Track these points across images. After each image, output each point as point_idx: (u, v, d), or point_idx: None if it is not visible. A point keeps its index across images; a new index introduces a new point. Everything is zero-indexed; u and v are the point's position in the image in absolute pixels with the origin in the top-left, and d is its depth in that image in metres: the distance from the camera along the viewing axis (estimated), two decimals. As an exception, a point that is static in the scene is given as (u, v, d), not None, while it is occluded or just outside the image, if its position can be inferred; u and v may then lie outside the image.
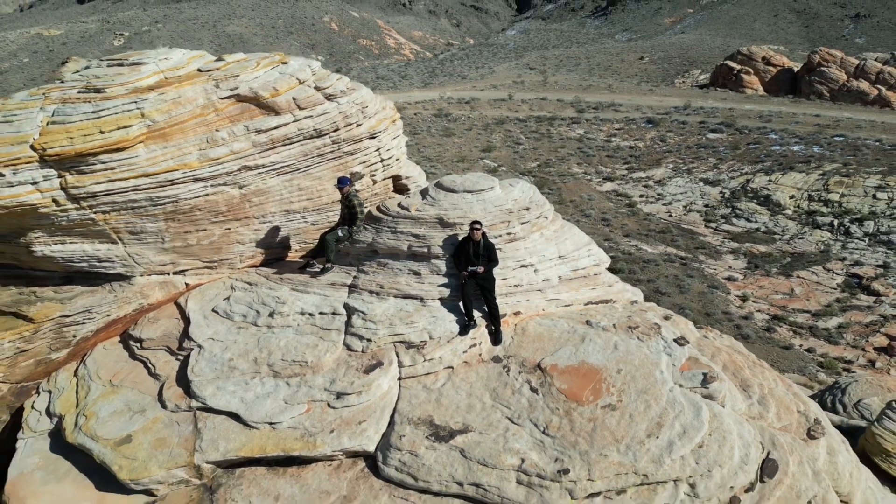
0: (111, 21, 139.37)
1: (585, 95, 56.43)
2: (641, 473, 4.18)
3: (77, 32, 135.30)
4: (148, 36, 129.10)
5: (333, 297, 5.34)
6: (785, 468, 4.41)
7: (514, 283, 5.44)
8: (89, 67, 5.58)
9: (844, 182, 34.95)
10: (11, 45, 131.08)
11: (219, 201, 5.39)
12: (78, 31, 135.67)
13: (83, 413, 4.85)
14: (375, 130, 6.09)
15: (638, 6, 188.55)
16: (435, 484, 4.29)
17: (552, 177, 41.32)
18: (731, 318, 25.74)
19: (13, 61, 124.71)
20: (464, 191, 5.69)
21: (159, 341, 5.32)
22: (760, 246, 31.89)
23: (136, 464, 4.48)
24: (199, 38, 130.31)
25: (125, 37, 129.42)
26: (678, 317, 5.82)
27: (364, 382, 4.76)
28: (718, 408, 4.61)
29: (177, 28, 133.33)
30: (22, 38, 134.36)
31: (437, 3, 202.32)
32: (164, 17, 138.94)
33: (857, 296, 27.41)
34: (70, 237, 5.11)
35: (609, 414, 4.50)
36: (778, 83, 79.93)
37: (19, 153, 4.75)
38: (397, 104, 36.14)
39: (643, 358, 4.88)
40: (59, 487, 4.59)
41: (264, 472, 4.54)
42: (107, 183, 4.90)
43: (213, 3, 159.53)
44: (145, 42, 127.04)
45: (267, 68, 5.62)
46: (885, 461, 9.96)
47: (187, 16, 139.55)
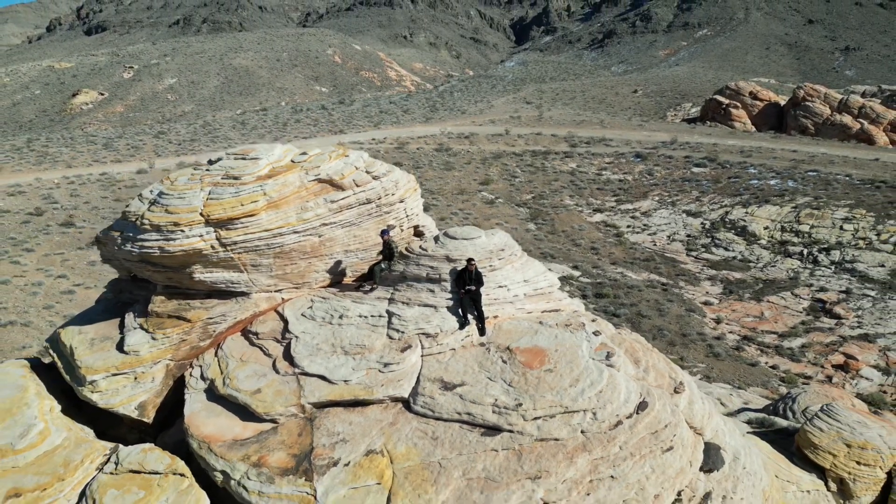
0: (121, 54, 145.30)
1: (578, 130, 60.49)
2: (564, 406, 7.31)
3: (87, 65, 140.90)
4: (157, 69, 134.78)
5: (379, 306, 8.54)
6: (652, 407, 7.52)
7: (494, 298, 8.65)
8: (222, 159, 8.87)
9: (815, 214, 38.42)
10: (24, 78, 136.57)
11: (306, 245, 8.64)
12: (88, 64, 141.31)
13: (227, 377, 7.99)
14: (403, 197, 9.38)
15: (633, 38, 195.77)
16: (444, 414, 7.41)
17: (546, 208, 44.81)
18: (704, 339, 28.96)
19: (25, 93, 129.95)
20: (462, 238, 8.95)
21: (268, 335, 8.51)
22: (736, 273, 35.18)
23: (266, 404, 7.60)
24: (207, 70, 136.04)
25: (134, 69, 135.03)
26: (602, 320, 9.01)
27: (401, 357, 7.92)
28: (615, 371, 7.75)
29: (185, 61, 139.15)
30: (34, 71, 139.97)
31: (437, 36, 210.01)
32: (172, 50, 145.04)
33: (820, 319, 30.64)
34: (216, 268, 8.33)
35: (548, 374, 7.65)
36: (765, 117, 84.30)
37: (193, 218, 8.01)
38: (400, 139, 41.12)
39: (572, 343, 8.05)
40: (217, 419, 7.70)
41: (341, 410, 7.64)
42: (243, 235, 8.15)
43: (220, 36, 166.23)
44: (154, 75, 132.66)
45: (336, 160, 8.94)
46: (812, 453, 13.41)
47: (195, 49, 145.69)
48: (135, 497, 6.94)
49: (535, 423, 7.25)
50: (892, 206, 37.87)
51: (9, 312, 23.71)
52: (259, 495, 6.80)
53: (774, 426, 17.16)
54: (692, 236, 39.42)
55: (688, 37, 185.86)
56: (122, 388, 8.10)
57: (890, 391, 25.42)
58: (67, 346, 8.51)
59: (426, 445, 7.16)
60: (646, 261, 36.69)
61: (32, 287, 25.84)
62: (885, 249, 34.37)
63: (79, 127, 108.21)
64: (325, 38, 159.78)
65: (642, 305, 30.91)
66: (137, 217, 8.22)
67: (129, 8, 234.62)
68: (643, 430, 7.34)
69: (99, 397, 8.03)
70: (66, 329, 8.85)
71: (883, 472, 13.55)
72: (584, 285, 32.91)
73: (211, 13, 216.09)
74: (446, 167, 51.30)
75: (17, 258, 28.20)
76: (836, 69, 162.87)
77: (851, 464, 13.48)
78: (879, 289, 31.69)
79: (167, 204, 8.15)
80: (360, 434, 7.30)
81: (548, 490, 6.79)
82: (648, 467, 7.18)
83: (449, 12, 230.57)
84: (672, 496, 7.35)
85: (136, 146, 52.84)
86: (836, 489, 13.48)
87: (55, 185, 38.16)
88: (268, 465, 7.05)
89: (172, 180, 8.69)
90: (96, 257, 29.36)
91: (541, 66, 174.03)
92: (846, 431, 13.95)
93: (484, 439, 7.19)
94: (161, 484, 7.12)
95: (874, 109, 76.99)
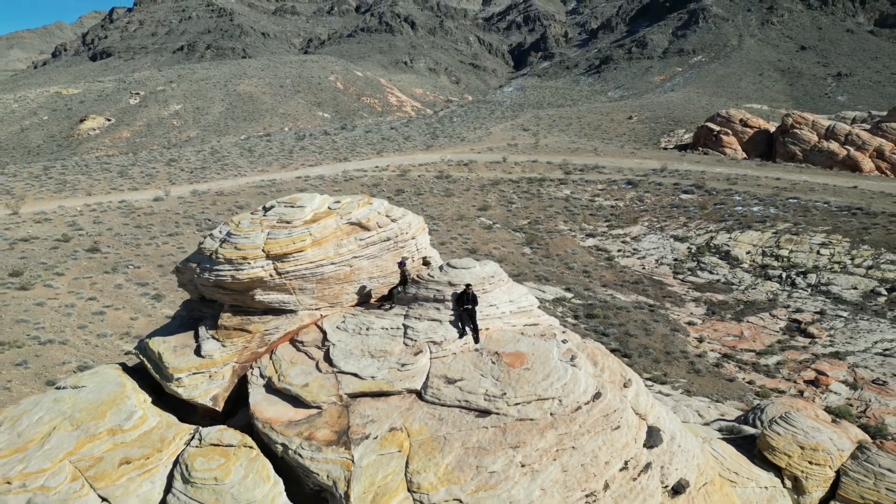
0: (127, 81, 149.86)
1: (573, 158, 63.70)
2: (538, 395, 9.86)
3: (94, 91, 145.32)
4: (162, 95, 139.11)
5: (397, 321, 11.15)
6: (605, 396, 10.07)
7: (486, 314, 11.26)
8: (275, 207, 11.55)
9: (794, 239, 41.19)
10: (32, 104, 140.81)
11: (340, 274, 11.28)
12: (95, 90, 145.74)
13: (281, 375, 10.55)
14: (415, 235, 12.06)
15: (630, 64, 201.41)
16: (447, 401, 9.95)
17: (541, 233, 47.58)
18: (687, 356, 31.49)
19: (33, 119, 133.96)
20: (461, 268, 11.61)
21: (311, 343, 11.10)
22: (719, 295, 37.77)
23: (313, 395, 10.14)
24: (211, 96, 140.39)
25: (141, 96, 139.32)
26: (570, 332, 11.60)
27: (414, 360, 10.48)
28: (577, 370, 10.31)
29: (190, 87, 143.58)
30: (42, 97, 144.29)
31: (437, 62, 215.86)
32: (177, 77, 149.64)
33: (795, 338, 33.20)
34: (272, 292, 10.96)
35: (526, 371, 10.22)
36: (755, 143, 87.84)
37: (257, 253, 10.67)
38: (402, 167, 44.90)
39: (545, 348, 10.64)
40: (275, 406, 10.23)
41: (369, 399, 10.17)
42: (294, 266, 10.80)
43: (225, 63, 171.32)
44: (160, 101, 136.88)
45: (363, 207, 11.64)
46: (770, 454, 16.07)
47: (200, 76, 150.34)
48: (217, 462, 9.46)
49: (516, 407, 9.80)
50: (867, 231, 40.63)
51: (47, 332, 26.22)
52: (311, 460, 9.33)
53: (742, 433, 19.78)
54: (679, 260, 42.08)
55: (683, 63, 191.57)
56: (200, 383, 10.66)
57: (856, 404, 27.91)
58: (155, 353, 11.10)
59: (434, 424, 9.70)
60: (635, 283, 39.28)
61: (66, 308, 28.36)
62: (858, 273, 37.02)
63: (86, 152, 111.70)
64: (328, 64, 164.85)
65: (630, 325, 33.43)
66: (212, 252, 10.89)
67: (134, 34, 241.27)
68: (597, 414, 9.90)
69: (183, 391, 10.59)
70: (152, 339, 11.44)
71: (832, 471, 16.12)
72: (576, 306, 35.46)
73: (214, 39, 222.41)
74: (446, 194, 54.20)
75: (49, 282, 30.76)
76: (828, 95, 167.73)
77: (804, 463, 16.05)
78: (851, 310, 34.25)
79: (236, 242, 10.83)
80: (385, 416, 9.84)
81: (524, 456, 9.31)
82: (601, 441, 9.72)
83: (448, 38, 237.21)
84: (620, 464, 9.86)
85: (150, 174, 55.83)
86: (791, 486, 16.04)
87: (78, 213, 40.93)
88: (316, 439, 9.59)
89: (237, 223, 11.37)
90: (122, 281, 32.04)
91: (539, 92, 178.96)
92: (800, 435, 16.55)
93: (477, 419, 9.73)
94: (236, 453, 9.65)
95: (860, 136, 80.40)
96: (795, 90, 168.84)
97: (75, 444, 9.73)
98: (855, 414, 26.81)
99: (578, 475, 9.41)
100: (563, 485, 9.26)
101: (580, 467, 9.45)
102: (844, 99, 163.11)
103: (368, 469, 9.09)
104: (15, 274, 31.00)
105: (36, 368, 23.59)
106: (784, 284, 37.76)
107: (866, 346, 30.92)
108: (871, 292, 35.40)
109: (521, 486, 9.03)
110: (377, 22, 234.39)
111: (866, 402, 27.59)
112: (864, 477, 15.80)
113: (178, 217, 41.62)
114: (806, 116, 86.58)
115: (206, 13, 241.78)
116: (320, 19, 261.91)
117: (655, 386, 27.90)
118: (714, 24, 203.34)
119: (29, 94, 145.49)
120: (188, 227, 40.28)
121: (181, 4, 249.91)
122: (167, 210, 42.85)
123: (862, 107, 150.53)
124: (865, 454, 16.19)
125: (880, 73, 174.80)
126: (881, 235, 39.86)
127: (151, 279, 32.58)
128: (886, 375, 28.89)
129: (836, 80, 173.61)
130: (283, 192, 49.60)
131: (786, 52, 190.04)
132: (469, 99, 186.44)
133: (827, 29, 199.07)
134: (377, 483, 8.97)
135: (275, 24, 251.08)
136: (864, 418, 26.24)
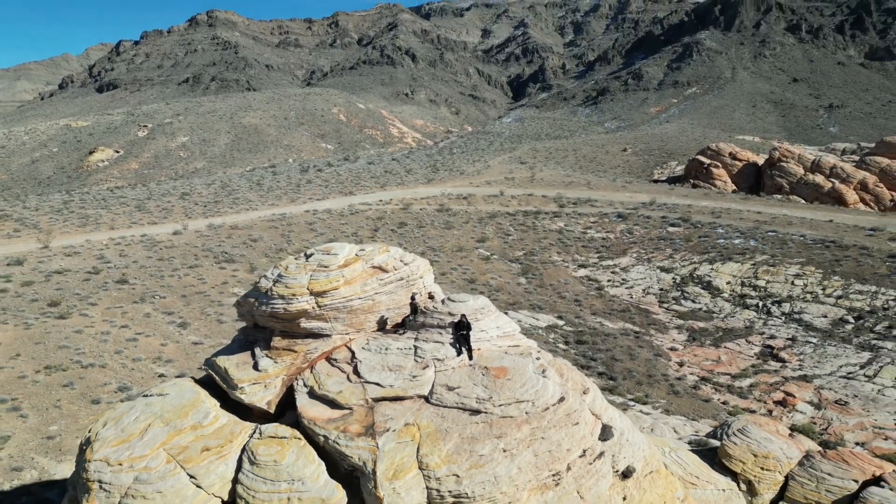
0: (135, 113, 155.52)
1: (567, 191, 67.72)
2: (517, 398, 13.21)
3: (103, 124, 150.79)
4: (170, 128, 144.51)
5: (409, 342, 14.59)
6: (568, 400, 13.42)
7: (477, 338, 14.69)
8: (315, 255, 15.07)
9: (770, 271, 44.72)
10: (42, 136, 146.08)
11: (365, 306, 14.76)
12: (104, 123, 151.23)
13: (320, 384, 13.92)
14: (422, 275, 15.58)
15: (626, 96, 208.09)
16: (448, 404, 13.30)
17: (535, 264, 51.12)
18: (667, 379, 34.75)
19: (43, 150, 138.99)
20: (458, 301, 15.09)
21: (342, 360, 14.51)
22: (700, 322, 41.13)
23: (345, 399, 13.49)
24: (217, 128, 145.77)
25: (149, 128, 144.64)
26: (544, 351, 15.00)
27: (422, 373, 13.87)
28: (547, 380, 13.68)
29: (196, 120, 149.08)
30: (52, 129, 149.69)
31: (437, 93, 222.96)
32: (185, 110, 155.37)
33: (767, 362, 36.52)
34: (314, 320, 14.43)
35: (508, 381, 13.59)
36: (744, 176, 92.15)
37: (303, 291, 14.18)
38: (405, 200, 49.82)
39: (523, 364, 14.04)
40: (316, 408, 13.55)
41: (389, 402, 13.51)
42: (330, 301, 14.28)
43: (230, 96, 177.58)
44: (167, 133, 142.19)
45: (382, 254, 15.19)
46: (728, 461, 19.47)
47: (206, 109, 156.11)
48: (275, 449, 12.79)
49: (500, 408, 13.16)
50: (838, 263, 44.18)
51: (87, 356, 29.55)
52: (346, 447, 12.65)
53: (707, 445, 23.25)
54: (664, 290, 45.52)
55: (678, 94, 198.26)
56: (258, 391, 14.04)
57: (819, 422, 31.15)
58: (222, 368, 14.50)
59: (438, 420, 13.05)
60: (622, 311, 42.65)
61: (102, 335, 31.73)
62: (829, 302, 40.45)
63: (95, 183, 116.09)
64: (331, 96, 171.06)
65: (616, 350, 36.72)
66: (267, 289, 14.39)
67: (140, 67, 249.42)
68: (561, 413, 13.25)
69: (245, 397, 13.96)
70: (218, 357, 14.85)
71: (781, 476, 19.47)
72: (567, 333, 38.79)
73: (219, 72, 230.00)
74: (447, 226, 57.94)
75: (84, 311, 34.19)
76: (820, 126, 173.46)
77: (757, 469, 19.40)
78: (820, 336, 37.58)
79: (286, 282, 14.35)
80: (400, 415, 13.20)
81: (506, 444, 12.63)
82: (564, 433, 13.05)
83: (448, 70, 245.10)
84: (579, 451, 13.17)
85: (166, 207, 59.70)
86: (745, 489, 19.36)
87: (104, 246, 44.57)
88: (349, 432, 12.92)
89: (285, 267, 14.90)
90: (150, 310, 35.46)
91: (537, 123, 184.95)
92: (754, 445, 19.92)
93: (471, 417, 13.08)
94: (289, 443, 12.98)
95: (844, 170, 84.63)
96: (788, 121, 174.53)
97: (167, 436, 13.07)
98: (818, 431, 30.02)
99: (546, 459, 12.72)
100: (534, 465, 12.57)
101: (548, 453, 12.77)
102: (836, 130, 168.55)
103: (389, 453, 12.41)
104: (53, 304, 34.43)
105: (81, 389, 26.88)
106: (760, 313, 41.13)
107: (832, 370, 34.18)
108: (839, 320, 38.76)
109: (502, 465, 12.34)
110: (379, 55, 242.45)
111: (829, 421, 30.83)
112: (808, 480, 19.08)
113: (197, 250, 45.23)
114: (792, 150, 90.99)
115: (212, 46, 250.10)
116: (323, 52, 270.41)
117: (637, 405, 31.15)
118: (708, 58, 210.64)
119: (39, 126, 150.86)
120: (206, 260, 43.85)
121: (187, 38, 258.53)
122: (186, 243, 46.49)
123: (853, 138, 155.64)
124: (811, 461, 19.50)
125: (871, 105, 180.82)
126: (851, 267, 43.39)
127: (176, 308, 35.98)
128: (848, 396, 32.15)
129: (827, 112, 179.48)
130: (293, 225, 53.33)
131: (778, 85, 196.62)
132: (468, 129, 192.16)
133: (818, 62, 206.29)
134: (396, 463, 12.28)
135: (278, 56, 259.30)
136: (825, 435, 29.43)
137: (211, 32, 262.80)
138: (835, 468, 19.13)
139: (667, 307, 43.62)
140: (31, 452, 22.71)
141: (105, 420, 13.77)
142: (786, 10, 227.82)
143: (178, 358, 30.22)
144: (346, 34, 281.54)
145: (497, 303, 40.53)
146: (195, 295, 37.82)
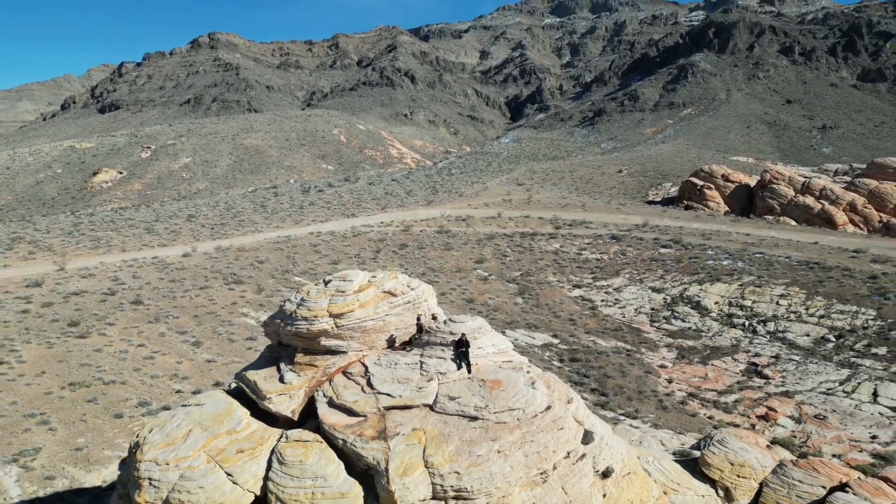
0: (139, 135, 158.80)
1: (562, 213, 70.26)
2: (510, 406, 15.36)
3: (107, 145, 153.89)
4: (172, 149, 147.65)
5: (415, 358, 16.78)
6: (554, 408, 15.56)
7: (476, 354, 16.89)
8: (332, 281, 17.32)
9: (757, 291, 46.99)
10: (46, 157, 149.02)
11: (376, 327, 16.97)
12: (108, 144, 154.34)
13: (338, 395, 16.07)
14: (426, 298, 17.83)
15: (622, 116, 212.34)
16: (450, 412, 15.43)
17: (532, 284, 53.35)
18: (656, 395, 36.85)
19: (48, 172, 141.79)
20: (458, 322, 17.31)
21: (357, 374, 16.68)
22: (689, 341, 43.27)
23: (360, 408, 15.62)
24: (220, 149, 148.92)
25: (152, 150, 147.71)
26: (534, 366, 17.17)
27: (428, 385, 16.03)
28: (536, 391, 15.83)
29: (199, 141, 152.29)
30: (56, 150, 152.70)
31: (436, 114, 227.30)
32: (187, 131, 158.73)
33: (752, 379, 38.61)
34: (332, 339, 16.64)
35: (502, 392, 15.75)
36: (736, 197, 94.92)
37: (323, 313, 16.42)
38: (405, 222, 53.02)
39: (515, 377, 16.21)
40: (335, 416, 15.66)
41: (398, 410, 15.63)
42: (347, 321, 16.51)
43: (232, 118, 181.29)
44: (170, 154, 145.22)
45: (392, 280, 17.45)
46: (707, 469, 21.63)
47: (209, 130, 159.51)
48: (301, 451, 14.90)
49: (495, 415, 15.29)
50: (821, 284, 46.48)
51: (108, 374, 31.59)
52: (362, 449, 14.77)
53: (691, 456, 25.35)
54: (655, 309, 47.72)
55: (673, 115, 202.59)
56: (284, 401, 16.18)
57: (799, 436, 33.21)
58: (251, 380, 16.66)
59: (441, 426, 15.18)
60: (615, 330, 44.78)
61: (121, 354, 33.79)
62: (811, 321, 42.66)
63: (99, 204, 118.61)
64: (331, 118, 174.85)
65: (608, 368, 38.80)
66: (292, 312, 16.62)
67: (143, 88, 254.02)
68: (548, 419, 15.40)
69: (273, 406, 16.10)
70: (248, 372, 17.02)
71: (756, 483, 21.56)
72: (562, 351, 40.90)
73: (221, 93, 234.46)
74: (446, 247, 60.28)
75: (103, 331, 36.28)
76: (813, 146, 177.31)
77: (734, 476, 21.51)
78: (803, 354, 39.73)
79: (308, 305, 16.58)
80: (408, 421, 15.33)
81: (500, 445, 14.75)
82: (550, 437, 15.18)
83: (447, 91, 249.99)
84: (564, 453, 15.29)
85: (174, 230, 62.06)
86: (723, 495, 21.44)
87: (118, 268, 46.78)
88: (364, 436, 15.04)
89: (307, 292, 17.14)
90: (165, 329, 37.55)
91: (534, 143, 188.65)
92: (731, 454, 22.06)
93: (470, 423, 15.21)
94: (312, 445, 15.10)
95: (833, 192, 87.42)
96: (782, 142, 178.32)
97: (206, 440, 15.19)
98: (797, 444, 32.07)
99: (535, 459, 14.84)
100: (525, 464, 14.69)
101: (536, 454, 14.89)
102: (829, 151, 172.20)
103: (399, 454, 14.53)
104: (73, 324, 36.54)
105: (104, 404, 28.91)
106: (746, 332, 43.30)
107: (812, 386, 36.28)
108: (821, 339, 40.94)
109: (497, 464, 14.45)
110: (378, 76, 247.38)
111: (808, 434, 32.90)
112: (780, 487, 21.17)
113: (207, 272, 47.45)
114: (783, 172, 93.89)
115: (213, 67, 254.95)
116: (323, 73, 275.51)
117: (627, 420, 33.19)
118: (703, 79, 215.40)
119: (43, 147, 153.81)
120: (216, 281, 46.05)
121: (189, 59, 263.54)
122: (196, 265, 48.72)
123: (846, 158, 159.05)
124: (783, 469, 21.59)
125: (863, 126, 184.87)
126: (833, 288, 45.68)
127: (189, 328, 38.08)
128: (827, 411, 34.23)
129: (821, 133, 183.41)
130: (297, 247, 55.65)
131: (772, 106, 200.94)
132: (467, 150, 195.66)
133: (812, 83, 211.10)
134: (405, 462, 14.39)
135: (279, 77, 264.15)
136: (804, 447, 31.47)
137: (212, 54, 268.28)
138: (805, 475, 21.17)
139: (657, 326, 45.74)
140: (61, 463, 24.69)
141: (150, 427, 15.88)
142: (779, 33, 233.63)
143: (193, 375, 32.25)
144: (346, 56, 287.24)
145: (494, 322, 42.75)
146: (207, 315, 39.93)
